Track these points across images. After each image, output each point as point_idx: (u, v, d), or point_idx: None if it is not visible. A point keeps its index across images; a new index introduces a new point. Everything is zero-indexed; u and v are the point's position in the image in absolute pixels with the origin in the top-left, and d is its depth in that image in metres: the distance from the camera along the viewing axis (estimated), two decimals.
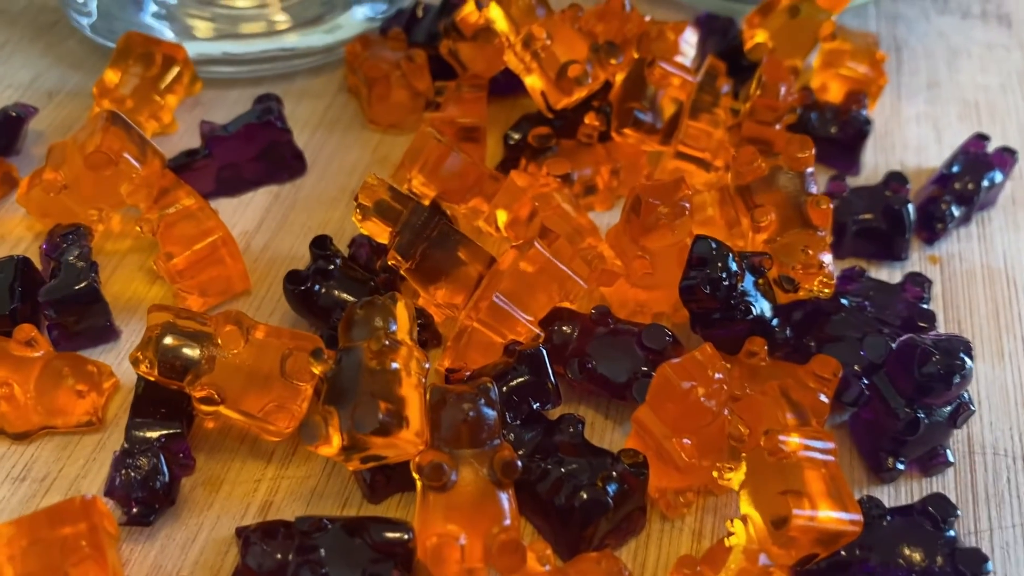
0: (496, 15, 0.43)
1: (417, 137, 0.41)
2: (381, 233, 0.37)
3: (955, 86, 0.52)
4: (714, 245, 0.36)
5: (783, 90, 0.43)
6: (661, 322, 0.40)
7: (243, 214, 0.43)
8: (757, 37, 0.47)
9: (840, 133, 0.46)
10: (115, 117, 0.39)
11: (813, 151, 0.38)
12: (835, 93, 0.48)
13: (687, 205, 0.37)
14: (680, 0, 0.54)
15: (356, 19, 0.50)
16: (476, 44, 0.45)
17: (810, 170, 0.39)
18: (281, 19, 0.49)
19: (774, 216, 0.38)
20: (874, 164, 0.47)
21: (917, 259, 0.43)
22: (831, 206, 0.38)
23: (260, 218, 0.43)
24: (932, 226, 0.43)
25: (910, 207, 0.42)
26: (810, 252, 0.37)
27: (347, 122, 0.47)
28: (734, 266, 0.36)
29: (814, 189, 0.38)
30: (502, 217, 0.40)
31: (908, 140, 0.49)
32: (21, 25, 0.51)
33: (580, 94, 0.42)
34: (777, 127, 0.43)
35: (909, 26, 0.55)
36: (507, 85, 0.47)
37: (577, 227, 0.39)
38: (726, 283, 0.36)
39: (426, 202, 0.40)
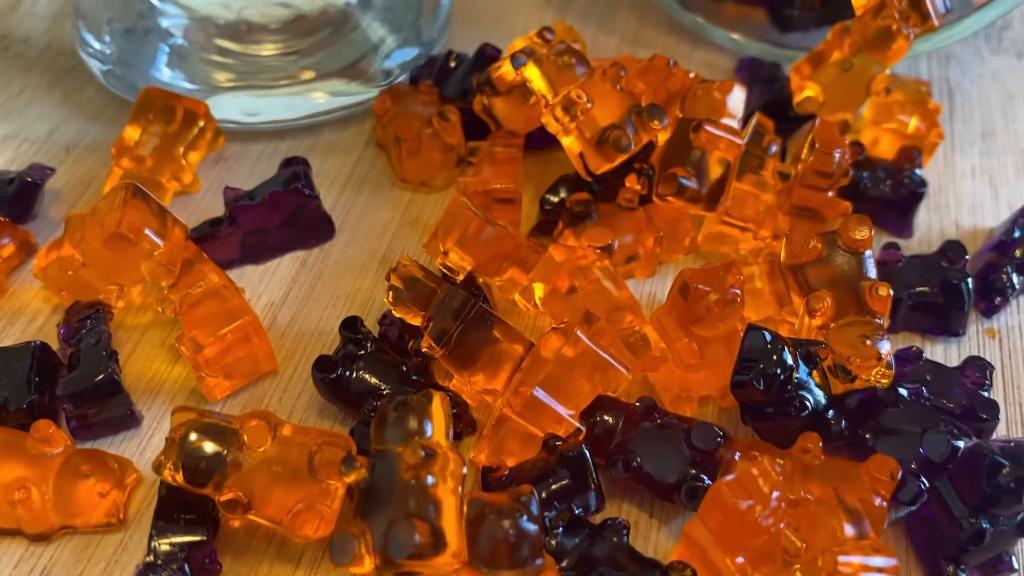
0: (533, 75, 0.41)
1: (451, 206, 0.39)
2: (414, 316, 0.36)
3: (1011, 136, 0.49)
4: (768, 338, 0.34)
5: (836, 156, 0.40)
6: (708, 406, 0.38)
7: (269, 283, 0.41)
8: (807, 91, 0.45)
9: (893, 195, 0.43)
10: (135, 191, 0.37)
11: (872, 232, 0.36)
12: (887, 147, 0.46)
13: (739, 292, 0.35)
14: (724, 43, 0.51)
15: (388, 67, 0.48)
16: (512, 101, 0.43)
17: (868, 252, 0.36)
18: (308, 75, 0.47)
19: (830, 301, 0.36)
20: (927, 224, 0.45)
21: (975, 331, 0.41)
22: (891, 293, 0.36)
23: (287, 288, 0.41)
24: (990, 297, 0.41)
25: (969, 282, 0.40)
26: (868, 343, 0.35)
27: (376, 179, 0.45)
28: (789, 359, 0.34)
29: (873, 273, 0.36)
30: (539, 292, 0.38)
31: (963, 197, 0.46)
32: (38, 71, 0.49)
33: (621, 159, 0.40)
34: (829, 194, 0.41)
35: (962, 68, 0.53)
36: (543, 139, 0.45)
37: (617, 304, 0.37)
38: (781, 378, 0.34)
39: (461, 276, 0.39)
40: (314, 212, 0.41)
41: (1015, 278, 0.41)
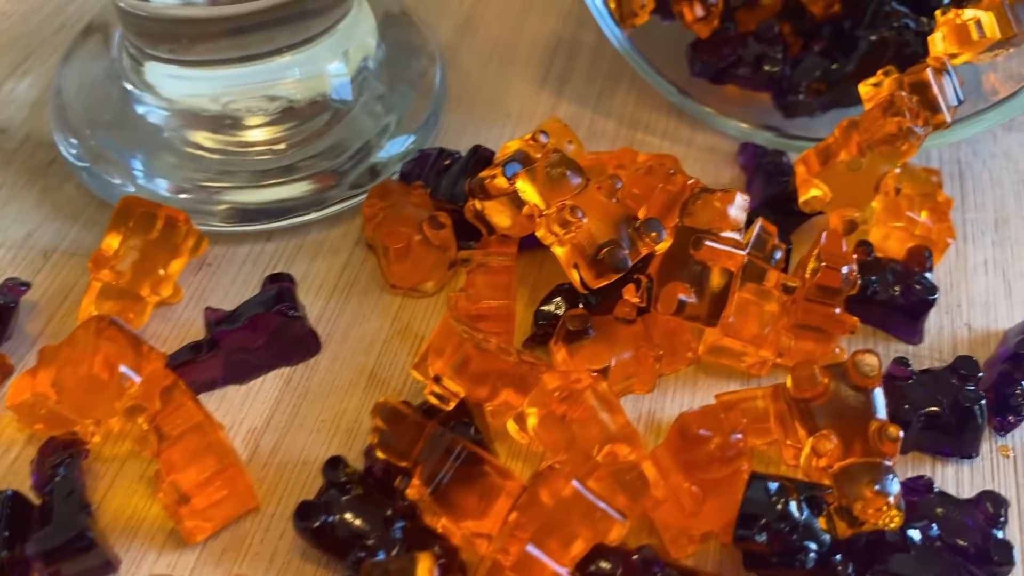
0: (525, 188, 0.39)
1: (442, 327, 0.37)
2: (400, 459, 0.34)
3: (1023, 224, 0.48)
4: (771, 489, 0.32)
5: (844, 272, 0.39)
6: (711, 543, 0.36)
7: (251, 406, 0.39)
8: (813, 190, 0.43)
9: (903, 301, 0.42)
10: (109, 323, 0.35)
11: (881, 370, 0.35)
12: (896, 245, 0.44)
13: (740, 437, 0.33)
14: (726, 130, 0.49)
15: (380, 160, 0.47)
16: (505, 206, 0.41)
17: (878, 390, 0.35)
18: (295, 172, 0.45)
19: (836, 442, 0.34)
20: (938, 327, 0.43)
21: (988, 449, 0.39)
22: (900, 435, 0.34)
23: (270, 411, 0.39)
24: (1004, 414, 0.40)
25: (983, 403, 0.38)
26: (876, 488, 0.33)
27: (365, 283, 0.44)
28: (794, 511, 0.32)
29: (882, 412, 0.35)
30: (532, 421, 0.36)
31: (975, 294, 0.44)
32: (16, 166, 0.48)
33: (616, 276, 0.39)
34: (837, 311, 0.39)
35: (973, 148, 0.51)
36: (537, 239, 0.43)
37: (612, 435, 0.36)
38: (785, 530, 0.32)
39: (452, 404, 0.37)
40: (299, 330, 0.40)
41: None
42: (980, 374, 0.39)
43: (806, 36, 0.49)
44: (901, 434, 0.34)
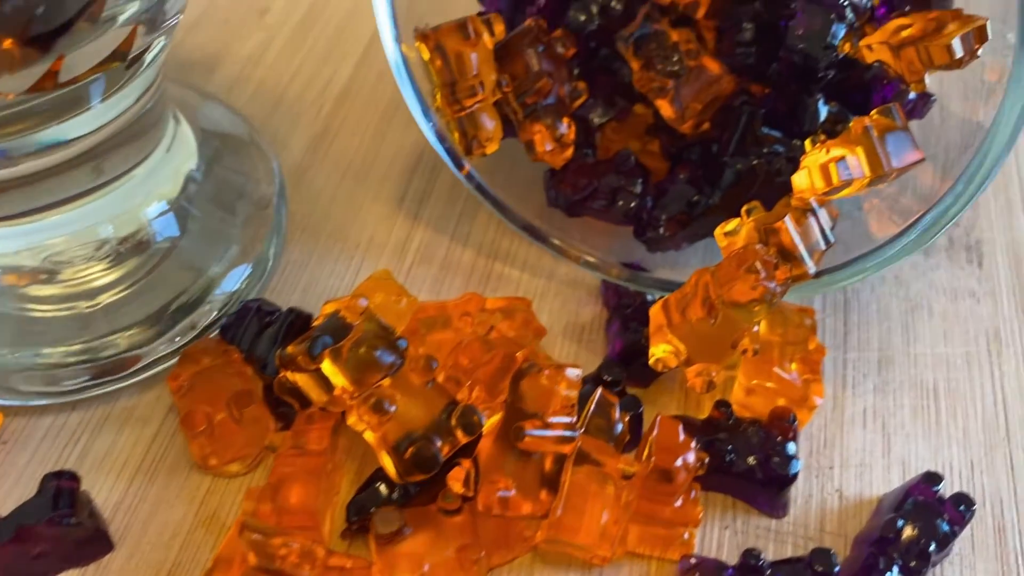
0: (330, 372, 0.35)
1: (232, 535, 0.34)
2: None
3: (910, 362, 0.44)
4: None
5: (679, 465, 0.35)
6: None
7: None
8: (663, 347, 0.39)
9: (761, 474, 0.38)
10: None
11: None
12: (761, 402, 0.40)
13: None
14: (584, 269, 0.45)
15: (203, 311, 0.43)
16: (318, 380, 0.37)
17: None
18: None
19: None
20: (806, 495, 0.39)
21: None
22: None
23: None
24: None
25: None
26: None
27: (173, 459, 0.40)
28: None
29: None
30: None
31: (849, 453, 0.41)
32: None
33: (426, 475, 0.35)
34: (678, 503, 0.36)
35: None
36: None
37: None
38: None
39: None
40: (83, 533, 0.36)
41: None
42: (836, 568, 0.35)
43: (673, 159, 0.45)
44: None
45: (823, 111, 0.43)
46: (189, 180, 0.44)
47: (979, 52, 0.39)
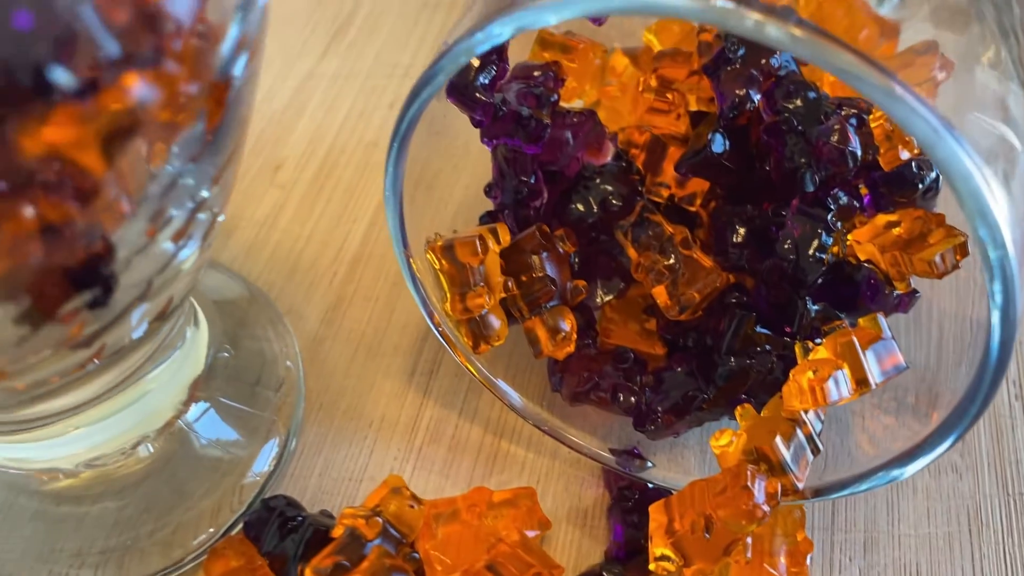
0: None
1: None
2: None
3: (894, 544, 0.46)
4: None
5: None
6: None
7: None
8: (661, 550, 0.42)
9: None
10: None
11: None
12: None
13: None
14: (579, 450, 0.48)
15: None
16: None
17: None
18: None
19: None
20: None
21: None
22: None
23: None
24: None
25: None
26: None
27: None
28: None
29: None
30: None
31: None
32: None
33: None
34: None
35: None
36: None
37: None
38: None
39: None
40: None
41: None
42: None
43: (670, 345, 0.48)
44: None
45: (812, 310, 0.46)
46: (211, 365, 0.47)
47: (960, 263, 0.42)
